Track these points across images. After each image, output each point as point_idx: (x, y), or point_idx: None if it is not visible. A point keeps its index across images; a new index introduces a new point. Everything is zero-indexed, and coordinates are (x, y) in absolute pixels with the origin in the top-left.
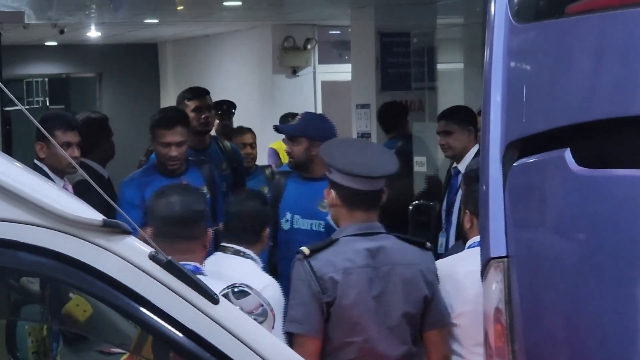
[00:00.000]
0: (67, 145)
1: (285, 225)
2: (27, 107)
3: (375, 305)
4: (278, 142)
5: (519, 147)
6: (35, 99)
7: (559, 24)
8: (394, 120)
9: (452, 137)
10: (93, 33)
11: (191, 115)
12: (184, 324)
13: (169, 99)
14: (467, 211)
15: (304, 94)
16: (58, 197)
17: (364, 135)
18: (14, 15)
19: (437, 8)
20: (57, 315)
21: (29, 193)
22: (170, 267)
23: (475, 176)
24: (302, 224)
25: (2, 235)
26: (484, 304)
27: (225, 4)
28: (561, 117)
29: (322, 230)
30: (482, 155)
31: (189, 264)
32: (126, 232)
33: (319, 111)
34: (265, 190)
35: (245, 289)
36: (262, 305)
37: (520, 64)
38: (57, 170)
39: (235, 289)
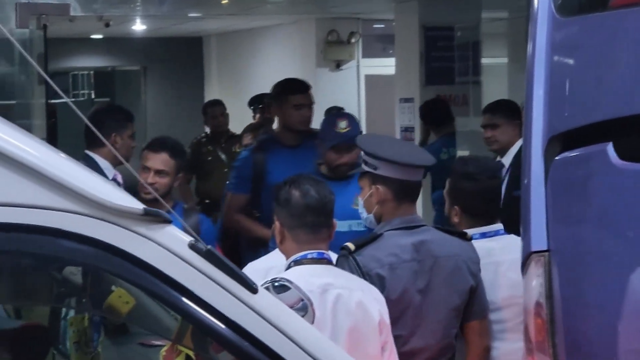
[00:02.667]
0: (133, 137)
1: None
2: (73, 99)
3: (421, 299)
4: None
5: (561, 141)
6: (81, 91)
7: (602, 18)
8: (437, 118)
9: (498, 130)
10: (138, 26)
11: (289, 111)
12: (223, 312)
13: (212, 92)
14: (455, 207)
15: (348, 88)
16: (99, 186)
17: (408, 129)
18: (59, 7)
19: (481, 2)
20: (100, 306)
21: (71, 181)
22: (210, 256)
23: (468, 173)
24: (341, 226)
25: (45, 223)
26: (524, 298)
27: None
28: (603, 111)
29: (364, 229)
30: (524, 150)
31: (326, 254)
32: (166, 221)
33: (362, 105)
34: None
35: (286, 283)
36: (302, 300)
37: (563, 58)
38: (114, 160)
39: (276, 284)
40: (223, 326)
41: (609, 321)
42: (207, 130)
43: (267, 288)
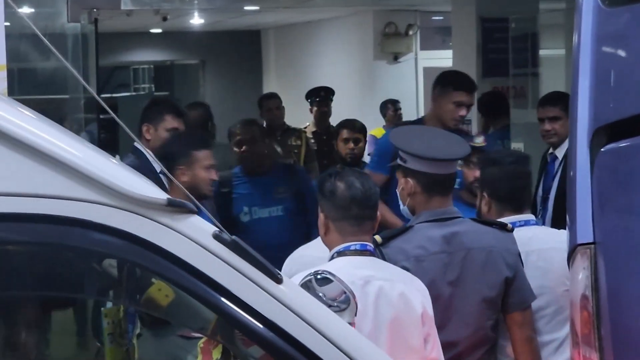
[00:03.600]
0: (174, 130)
1: None
2: (134, 93)
3: (452, 291)
4: (378, 129)
5: (607, 132)
6: (142, 85)
7: None
8: (494, 110)
9: (559, 122)
10: (196, 20)
11: (449, 105)
12: (247, 302)
13: (270, 85)
14: (484, 194)
15: (406, 80)
16: (124, 177)
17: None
18: (110, 1)
19: None
20: (137, 298)
21: (95, 172)
22: (235, 247)
23: (492, 159)
24: None
25: (70, 213)
26: (570, 290)
27: None
28: None
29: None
30: (570, 141)
31: (369, 245)
32: (191, 212)
33: (421, 98)
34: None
35: (328, 275)
36: (345, 293)
37: (609, 49)
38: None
39: (319, 276)
40: (248, 316)
41: None
42: (264, 123)
43: (309, 280)
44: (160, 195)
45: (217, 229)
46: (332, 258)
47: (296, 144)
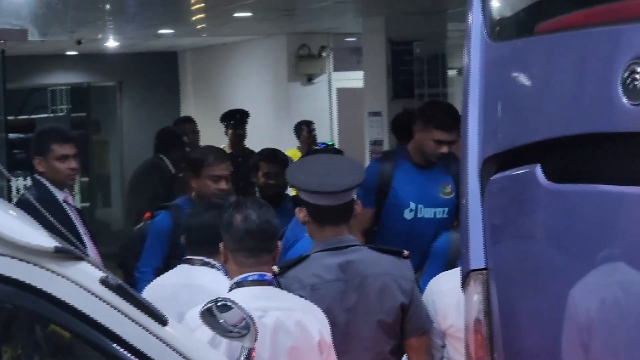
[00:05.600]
0: (64, 158)
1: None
2: (52, 114)
3: (349, 318)
4: (293, 150)
5: (496, 161)
6: (60, 106)
7: (529, 43)
8: (408, 131)
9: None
10: (111, 43)
11: (430, 142)
12: (133, 345)
13: (188, 107)
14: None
15: (320, 101)
16: (12, 224)
17: (377, 143)
18: (17, 33)
19: (446, 16)
20: (27, 344)
21: None
22: (121, 291)
23: None
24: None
25: None
26: (464, 315)
27: (235, 14)
28: (532, 133)
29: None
30: (461, 169)
31: (267, 275)
32: (78, 258)
33: (335, 118)
34: None
35: (228, 302)
36: (244, 319)
37: (495, 81)
38: (57, 183)
39: (219, 303)
40: (135, 359)
41: (545, 337)
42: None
43: (210, 308)
44: (48, 243)
45: (104, 274)
46: (231, 289)
47: None
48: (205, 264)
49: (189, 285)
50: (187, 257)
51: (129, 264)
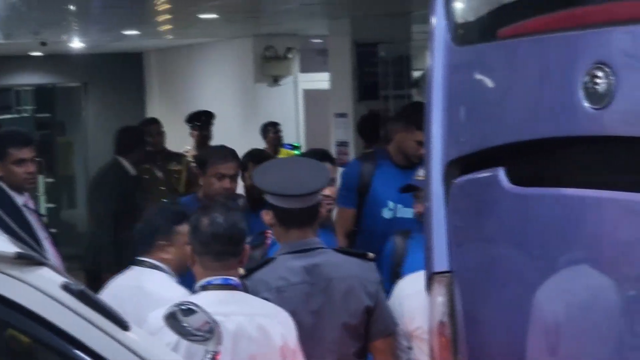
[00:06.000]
0: (21, 162)
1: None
2: (17, 115)
3: (314, 321)
4: (285, 151)
5: (460, 165)
6: (24, 107)
7: (492, 47)
8: (374, 132)
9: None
10: (76, 44)
11: (411, 143)
12: (96, 350)
13: (154, 108)
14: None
15: (286, 102)
16: None
17: (343, 144)
18: None
19: (411, 18)
20: None
21: None
22: (82, 296)
23: None
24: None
25: None
26: (429, 317)
27: (201, 16)
28: (495, 136)
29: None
30: (426, 173)
31: (232, 279)
32: (40, 263)
33: (301, 120)
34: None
35: (192, 307)
36: (209, 323)
37: (458, 85)
38: (15, 187)
39: (183, 307)
40: None
41: (508, 339)
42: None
43: (174, 312)
44: (9, 249)
45: (66, 280)
46: (195, 292)
47: (177, 169)
48: (154, 267)
49: (135, 288)
50: (139, 258)
51: (97, 269)
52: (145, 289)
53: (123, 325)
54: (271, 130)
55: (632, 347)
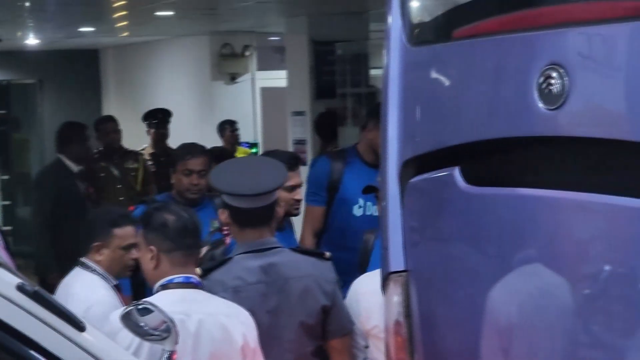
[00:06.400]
0: None
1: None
2: None
3: (271, 320)
4: (243, 149)
5: (415, 164)
6: None
7: (447, 48)
8: (331, 131)
9: None
10: (31, 40)
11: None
12: (51, 351)
13: (110, 105)
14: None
15: (243, 100)
16: None
17: (300, 142)
18: None
19: (369, 16)
20: None
21: None
22: (37, 297)
23: None
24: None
25: None
26: (385, 317)
27: (157, 13)
28: (451, 136)
29: None
30: (381, 172)
31: (193, 278)
32: None
33: (258, 117)
34: (216, 224)
35: (149, 306)
36: (165, 322)
37: (414, 85)
38: None
39: (139, 307)
40: None
41: (464, 338)
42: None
43: (130, 311)
44: None
45: (21, 281)
46: (156, 291)
47: (134, 167)
48: (89, 268)
49: (64, 287)
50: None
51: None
52: (71, 290)
53: (78, 326)
54: (228, 128)
55: (586, 345)
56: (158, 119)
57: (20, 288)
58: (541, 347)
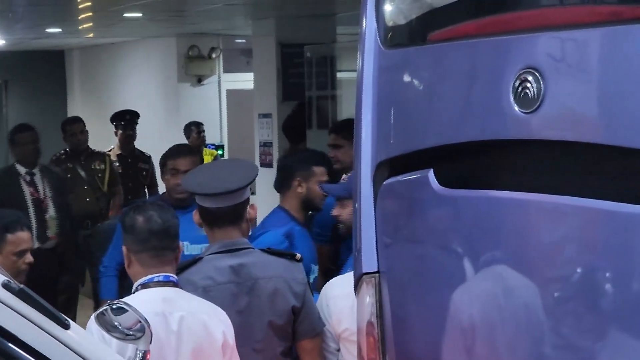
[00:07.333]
0: None
1: None
2: None
3: (240, 320)
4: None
5: (389, 166)
6: None
7: (422, 51)
8: (299, 132)
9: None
10: None
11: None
12: (36, 348)
13: (75, 107)
14: None
15: (209, 102)
16: None
17: (266, 144)
18: None
19: (336, 20)
20: None
21: None
22: (23, 295)
23: None
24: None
25: None
26: (357, 318)
27: (125, 15)
28: (425, 139)
29: None
30: (354, 173)
31: (172, 276)
32: None
33: (224, 120)
34: None
35: (123, 305)
36: (139, 322)
37: (388, 88)
38: None
39: (114, 306)
40: None
41: (436, 339)
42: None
43: (105, 310)
44: None
45: (6, 279)
46: (136, 290)
47: (100, 168)
48: None
49: None
50: None
51: None
52: None
53: (63, 323)
54: (194, 130)
55: (557, 346)
56: (126, 121)
57: (6, 286)
58: (510, 348)
